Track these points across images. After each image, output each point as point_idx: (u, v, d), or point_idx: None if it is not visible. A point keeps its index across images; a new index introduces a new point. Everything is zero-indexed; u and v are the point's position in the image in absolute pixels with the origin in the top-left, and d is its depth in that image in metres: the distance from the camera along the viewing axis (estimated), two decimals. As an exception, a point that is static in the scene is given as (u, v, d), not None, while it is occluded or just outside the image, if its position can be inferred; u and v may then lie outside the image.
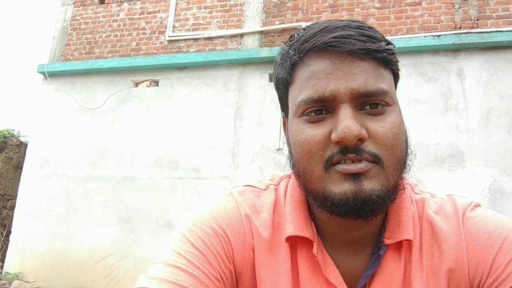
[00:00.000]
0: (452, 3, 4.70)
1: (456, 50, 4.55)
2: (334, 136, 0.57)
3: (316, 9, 5.11)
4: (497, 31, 4.45)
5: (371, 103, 0.58)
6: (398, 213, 0.65)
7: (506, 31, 4.43)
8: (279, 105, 0.73)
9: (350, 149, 0.56)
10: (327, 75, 0.58)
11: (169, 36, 5.62)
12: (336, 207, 0.57)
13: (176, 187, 5.04)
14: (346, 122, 0.56)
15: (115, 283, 4.95)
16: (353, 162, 0.57)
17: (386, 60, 0.60)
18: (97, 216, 5.23)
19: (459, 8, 4.67)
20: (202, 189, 4.93)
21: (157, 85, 5.53)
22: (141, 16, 5.87)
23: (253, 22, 5.32)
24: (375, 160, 0.57)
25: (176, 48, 5.57)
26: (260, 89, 5.08)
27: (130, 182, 5.23)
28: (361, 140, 0.56)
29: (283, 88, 0.67)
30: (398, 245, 0.64)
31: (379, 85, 0.58)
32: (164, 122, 5.31)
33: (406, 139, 0.63)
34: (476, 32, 4.49)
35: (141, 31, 5.81)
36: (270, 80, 4.98)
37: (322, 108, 0.59)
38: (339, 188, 0.57)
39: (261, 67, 5.09)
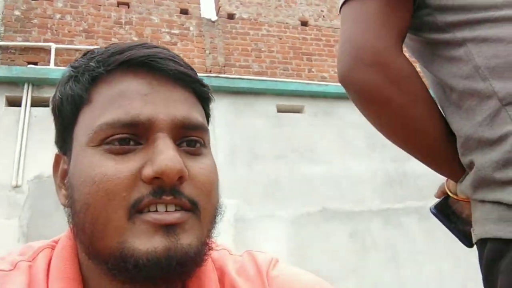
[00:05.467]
0: (204, 49, 5.18)
1: (207, 91, 4.99)
2: (149, 171, 0.43)
3: (68, 32, 4.72)
4: (239, 78, 5.13)
5: (189, 140, 0.48)
6: (199, 278, 0.51)
7: (246, 79, 5.15)
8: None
9: (167, 190, 0.43)
10: (143, 96, 0.46)
11: None
12: (142, 271, 0.41)
13: None
14: (168, 154, 0.43)
15: None
16: (166, 210, 0.43)
17: (205, 97, 0.53)
18: None
19: (210, 53, 5.18)
20: None
21: None
22: None
23: (-13, 34, 4.45)
24: (192, 208, 0.45)
25: None
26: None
27: None
28: (180, 180, 0.44)
29: (71, 109, 0.49)
30: None
31: (202, 120, 0.50)
32: None
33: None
34: (223, 77, 5.05)
35: None
36: (8, 104, 4.18)
37: (130, 137, 0.45)
38: (147, 243, 0.42)
39: (-5, 88, 4.24)
